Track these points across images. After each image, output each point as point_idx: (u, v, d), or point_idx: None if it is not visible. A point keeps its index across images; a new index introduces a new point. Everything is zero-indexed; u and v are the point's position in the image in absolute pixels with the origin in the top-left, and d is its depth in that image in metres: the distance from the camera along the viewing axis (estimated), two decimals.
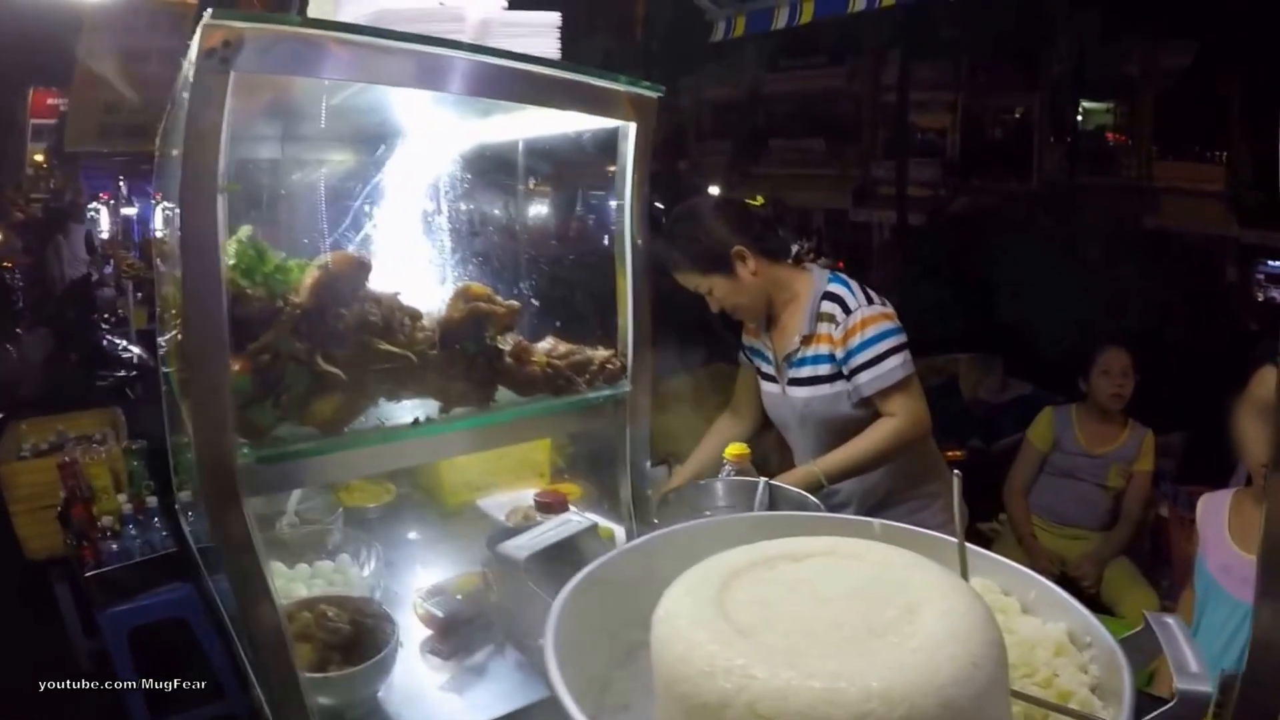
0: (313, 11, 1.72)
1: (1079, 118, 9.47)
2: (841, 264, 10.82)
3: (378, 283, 1.64)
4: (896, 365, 2.61)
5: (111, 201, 11.35)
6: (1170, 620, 1.02)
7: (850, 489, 2.73)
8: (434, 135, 2.38)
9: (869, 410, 2.68)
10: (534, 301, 1.89)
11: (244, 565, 1.38)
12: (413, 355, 1.60)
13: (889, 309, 2.68)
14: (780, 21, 4.80)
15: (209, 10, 1.21)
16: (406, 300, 1.69)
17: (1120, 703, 0.93)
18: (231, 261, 1.31)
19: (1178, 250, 7.18)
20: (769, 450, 3.25)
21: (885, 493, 2.79)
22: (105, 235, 10.59)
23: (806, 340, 2.74)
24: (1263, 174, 7.32)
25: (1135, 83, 8.91)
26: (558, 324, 1.97)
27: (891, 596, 0.90)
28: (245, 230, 1.51)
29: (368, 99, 1.91)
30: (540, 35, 1.71)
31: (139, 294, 7.63)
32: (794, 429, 2.88)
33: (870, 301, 2.70)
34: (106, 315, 7.94)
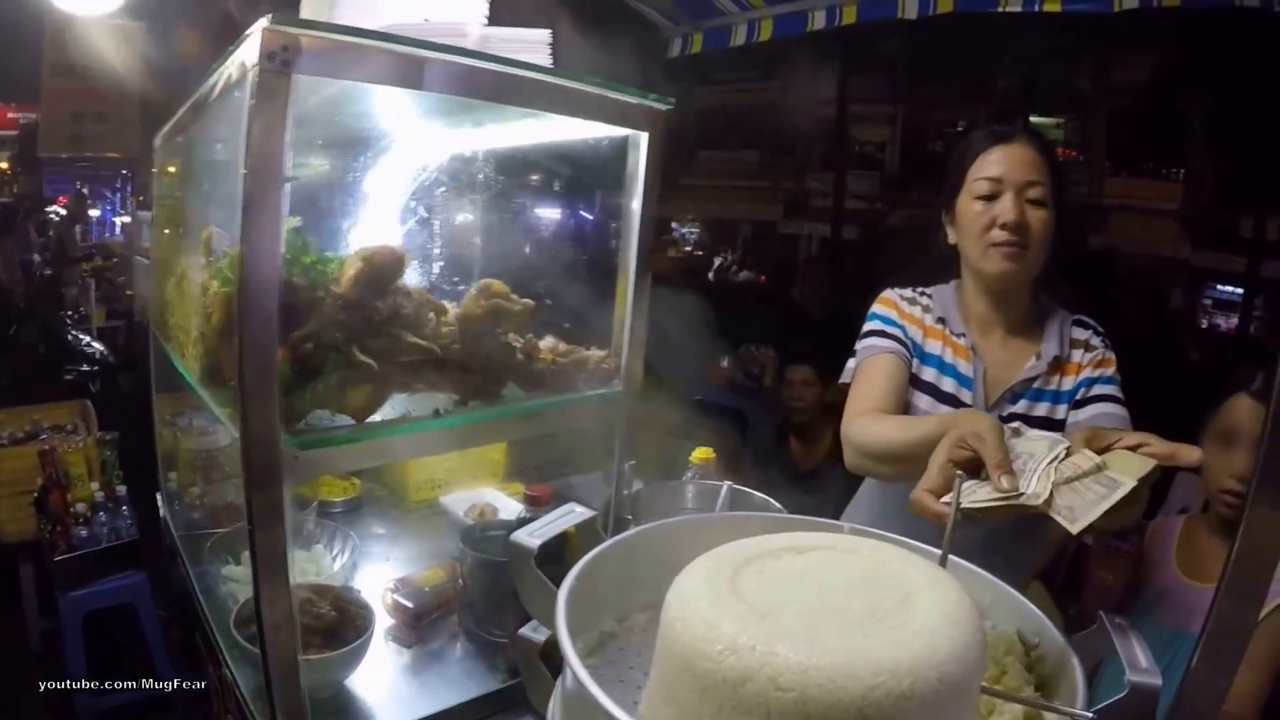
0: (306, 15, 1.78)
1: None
2: (764, 277, 10.83)
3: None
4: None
5: (70, 205, 11.81)
6: (1121, 620, 1.09)
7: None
8: (447, 140, 2.45)
9: None
10: (547, 301, 1.96)
11: (271, 548, 1.44)
12: (437, 349, 1.67)
13: None
14: (739, 39, 4.85)
15: (269, 15, 1.29)
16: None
17: (1067, 697, 1.01)
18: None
19: (1123, 271, 7.19)
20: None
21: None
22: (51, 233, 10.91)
23: (1056, 366, 2.16)
24: (1222, 192, 7.40)
25: (1087, 98, 8.91)
26: (565, 325, 2.03)
27: (889, 586, 0.97)
28: (293, 221, 1.57)
29: (387, 105, 1.99)
30: (534, 50, 1.78)
31: (99, 292, 7.87)
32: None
33: None
34: (70, 312, 8.05)
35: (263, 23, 1.29)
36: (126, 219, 11.44)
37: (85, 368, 6.63)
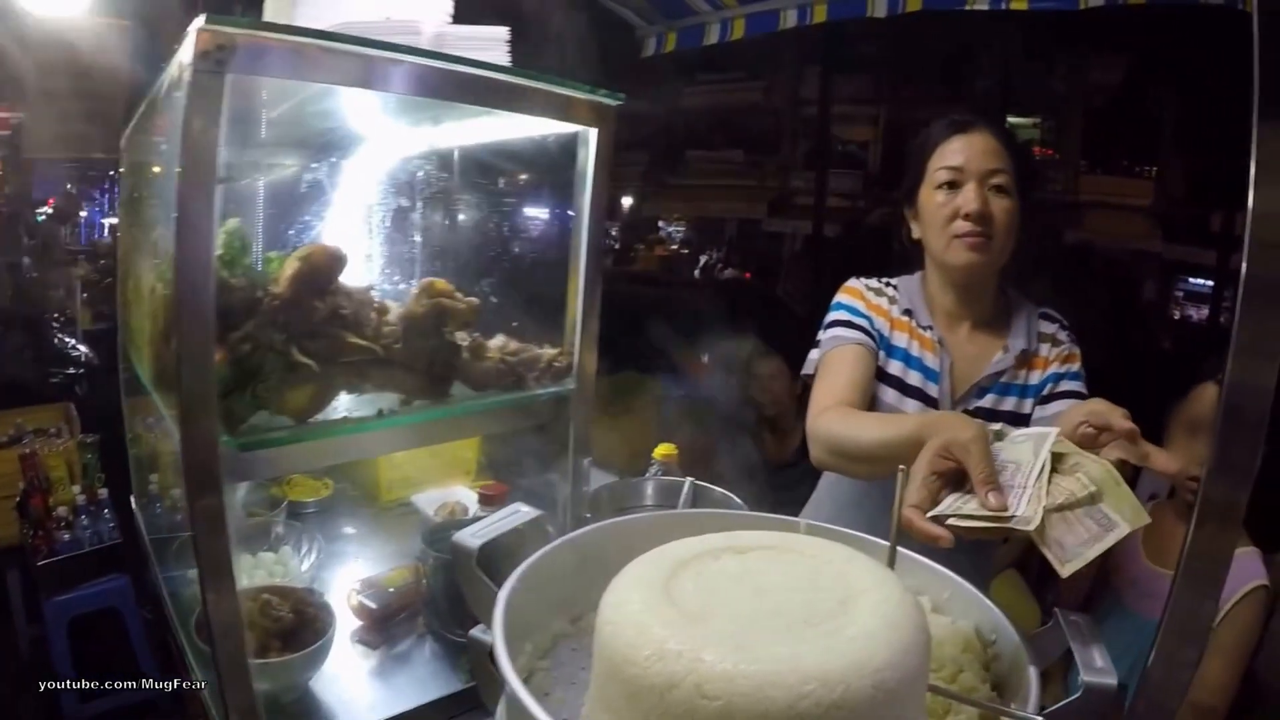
0: (269, 15, 1.76)
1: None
2: (749, 274, 10.85)
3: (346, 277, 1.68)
4: None
5: (57, 206, 11.69)
6: (1078, 618, 1.08)
7: None
8: (396, 139, 2.42)
9: None
10: (492, 299, 1.94)
11: (214, 551, 1.42)
12: (379, 349, 1.65)
13: None
14: (712, 38, 4.85)
15: (202, 15, 1.26)
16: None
17: (1022, 698, 0.98)
18: (219, 252, 1.35)
19: (1098, 265, 7.25)
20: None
21: None
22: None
23: (1024, 360, 2.12)
24: (1193, 188, 7.44)
25: (1063, 98, 8.98)
26: (514, 324, 2.01)
27: (829, 588, 0.94)
28: (232, 222, 1.55)
29: (335, 104, 1.96)
30: (491, 48, 1.76)
31: (85, 294, 7.78)
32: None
33: None
34: (56, 315, 8.03)
35: (198, 22, 1.27)
36: (114, 220, 11.35)
37: (71, 370, 6.62)
